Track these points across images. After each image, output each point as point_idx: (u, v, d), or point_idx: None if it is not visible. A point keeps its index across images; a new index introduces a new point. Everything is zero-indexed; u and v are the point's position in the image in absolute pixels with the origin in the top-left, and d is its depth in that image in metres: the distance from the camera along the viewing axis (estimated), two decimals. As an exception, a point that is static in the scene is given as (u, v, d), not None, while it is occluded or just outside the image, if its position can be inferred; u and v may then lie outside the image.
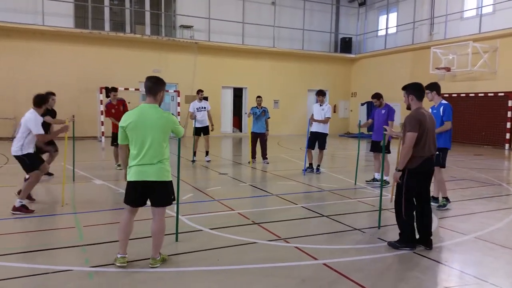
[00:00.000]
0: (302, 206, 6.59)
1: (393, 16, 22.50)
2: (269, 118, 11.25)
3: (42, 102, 6.13)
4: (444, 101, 6.54)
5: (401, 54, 20.94)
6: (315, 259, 4.29)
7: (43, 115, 6.43)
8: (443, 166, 6.52)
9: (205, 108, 11.20)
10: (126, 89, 16.99)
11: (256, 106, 11.15)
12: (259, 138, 11.21)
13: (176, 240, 4.77)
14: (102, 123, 16.83)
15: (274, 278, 3.85)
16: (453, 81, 18.16)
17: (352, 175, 8.84)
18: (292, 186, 8.26)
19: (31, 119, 5.81)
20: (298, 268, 4.10)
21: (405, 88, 4.81)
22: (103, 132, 16.93)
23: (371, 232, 5.27)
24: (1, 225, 5.35)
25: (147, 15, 19.95)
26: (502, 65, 16.49)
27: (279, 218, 5.85)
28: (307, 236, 5.03)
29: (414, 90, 4.72)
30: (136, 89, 18.22)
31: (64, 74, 16.91)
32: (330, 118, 9.68)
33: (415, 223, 4.67)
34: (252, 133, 11.24)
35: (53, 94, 8.14)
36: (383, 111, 8.35)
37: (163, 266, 4.00)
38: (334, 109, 22.68)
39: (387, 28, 22.50)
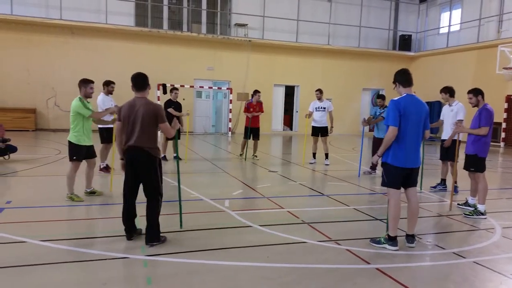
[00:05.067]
0: (354, 208, 6.42)
1: (456, 13, 21.34)
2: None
3: None
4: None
5: (465, 53, 19.81)
6: (368, 263, 4.16)
7: None
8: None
9: (324, 108, 10.74)
10: (182, 86, 17.47)
11: (378, 106, 9.54)
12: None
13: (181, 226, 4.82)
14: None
15: (325, 279, 3.77)
16: (522, 82, 16.91)
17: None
18: (343, 187, 8.09)
19: None
20: (350, 271, 3.99)
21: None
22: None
23: (426, 238, 5.02)
24: (67, 211, 5.70)
25: (204, 14, 20.39)
26: None
27: (330, 219, 5.73)
28: (358, 239, 4.89)
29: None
30: (191, 86, 18.71)
31: (124, 71, 17.50)
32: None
33: None
34: (375, 138, 9.58)
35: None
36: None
37: (215, 259, 4.06)
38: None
39: (449, 25, 21.38)
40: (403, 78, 4.63)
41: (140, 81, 4.50)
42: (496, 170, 11.53)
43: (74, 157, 6.13)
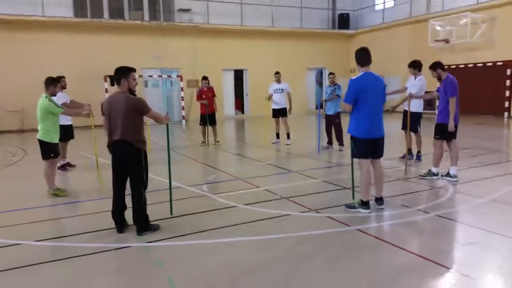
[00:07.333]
0: (323, 181, 6.93)
1: (390, -10, 22.54)
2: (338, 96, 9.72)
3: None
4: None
5: (399, 28, 21.07)
6: (348, 225, 4.65)
7: None
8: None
9: (282, 90, 11.12)
10: (130, 76, 17.05)
11: (329, 85, 10.13)
12: (331, 121, 10.01)
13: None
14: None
15: (315, 243, 4.20)
16: (452, 52, 18.38)
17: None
18: (307, 163, 8.59)
19: None
20: (335, 234, 4.46)
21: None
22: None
23: (393, 200, 5.63)
24: (53, 211, 5.67)
25: (145, 1, 19.86)
26: (500, 34, 16.70)
27: (305, 192, 6.18)
28: (336, 206, 5.38)
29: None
30: (139, 76, 18.31)
31: (67, 64, 16.90)
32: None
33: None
34: (326, 115, 10.14)
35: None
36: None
37: (214, 238, 4.34)
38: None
39: (384, 2, 22.56)
40: (359, 58, 5.13)
41: (114, 76, 4.57)
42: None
43: (52, 155, 6.10)
